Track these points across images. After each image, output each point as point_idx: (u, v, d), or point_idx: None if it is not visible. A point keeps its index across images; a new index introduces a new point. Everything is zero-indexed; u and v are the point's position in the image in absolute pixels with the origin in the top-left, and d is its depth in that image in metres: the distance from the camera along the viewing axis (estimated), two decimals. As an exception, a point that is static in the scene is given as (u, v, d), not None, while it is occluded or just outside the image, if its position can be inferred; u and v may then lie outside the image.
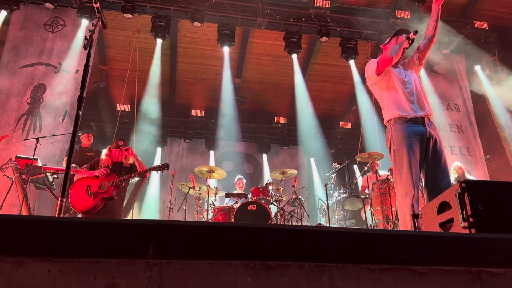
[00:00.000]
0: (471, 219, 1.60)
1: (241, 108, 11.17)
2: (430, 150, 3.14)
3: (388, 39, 3.63)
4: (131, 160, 4.72)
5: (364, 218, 7.17)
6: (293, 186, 6.80)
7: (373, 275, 1.23)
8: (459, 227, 1.66)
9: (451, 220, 1.76)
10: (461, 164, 6.98)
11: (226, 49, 8.86)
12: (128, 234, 1.16)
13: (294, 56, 9.06)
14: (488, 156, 8.11)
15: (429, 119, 3.25)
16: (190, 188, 6.71)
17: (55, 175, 5.51)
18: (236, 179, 7.57)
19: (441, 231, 1.83)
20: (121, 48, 9.88)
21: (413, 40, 3.44)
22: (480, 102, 9.44)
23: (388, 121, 3.31)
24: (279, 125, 11.60)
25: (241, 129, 11.32)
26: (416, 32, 3.31)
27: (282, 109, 11.97)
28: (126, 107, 10.20)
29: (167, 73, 10.55)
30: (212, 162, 10.90)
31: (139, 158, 4.76)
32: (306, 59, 10.52)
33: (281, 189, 6.69)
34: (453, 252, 1.26)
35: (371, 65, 3.46)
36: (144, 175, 4.58)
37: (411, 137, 3.10)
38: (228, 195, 6.56)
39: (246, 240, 1.24)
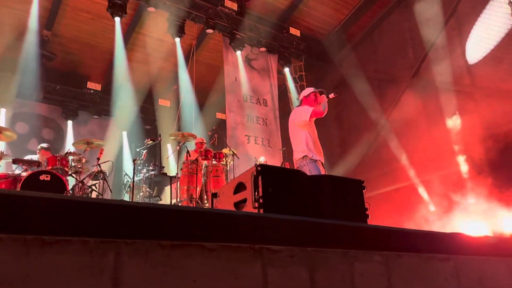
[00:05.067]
0: (261, 200, 1.73)
1: (47, 65, 9.77)
2: None
3: (307, 91, 4.51)
4: None
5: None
6: (98, 159, 6.31)
7: (163, 251, 1.21)
8: (251, 207, 1.78)
9: (244, 200, 1.87)
10: (264, 159, 7.82)
11: (36, -6, 7.56)
12: None
13: (117, 19, 8.34)
14: (284, 148, 9.16)
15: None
16: (-36, 149, 5.50)
17: None
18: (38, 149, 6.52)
19: (235, 210, 1.94)
20: None
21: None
22: (284, 100, 10.65)
23: (303, 157, 4.16)
24: (92, 91, 10.68)
25: (44, 89, 9.94)
26: (336, 93, 4.53)
27: (97, 75, 11.00)
28: None
29: None
30: (2, 122, 9.26)
31: None
32: (130, 26, 9.88)
33: (84, 160, 6.13)
34: (240, 230, 1.33)
35: (304, 112, 4.29)
36: None
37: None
38: (16, 161, 5.64)
39: (16, 211, 1.05)
